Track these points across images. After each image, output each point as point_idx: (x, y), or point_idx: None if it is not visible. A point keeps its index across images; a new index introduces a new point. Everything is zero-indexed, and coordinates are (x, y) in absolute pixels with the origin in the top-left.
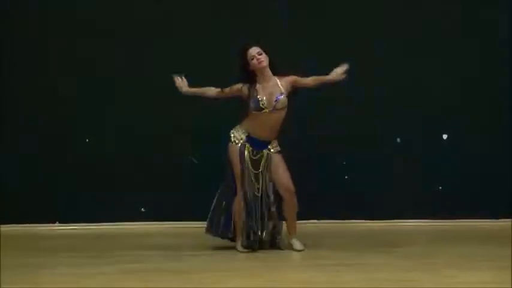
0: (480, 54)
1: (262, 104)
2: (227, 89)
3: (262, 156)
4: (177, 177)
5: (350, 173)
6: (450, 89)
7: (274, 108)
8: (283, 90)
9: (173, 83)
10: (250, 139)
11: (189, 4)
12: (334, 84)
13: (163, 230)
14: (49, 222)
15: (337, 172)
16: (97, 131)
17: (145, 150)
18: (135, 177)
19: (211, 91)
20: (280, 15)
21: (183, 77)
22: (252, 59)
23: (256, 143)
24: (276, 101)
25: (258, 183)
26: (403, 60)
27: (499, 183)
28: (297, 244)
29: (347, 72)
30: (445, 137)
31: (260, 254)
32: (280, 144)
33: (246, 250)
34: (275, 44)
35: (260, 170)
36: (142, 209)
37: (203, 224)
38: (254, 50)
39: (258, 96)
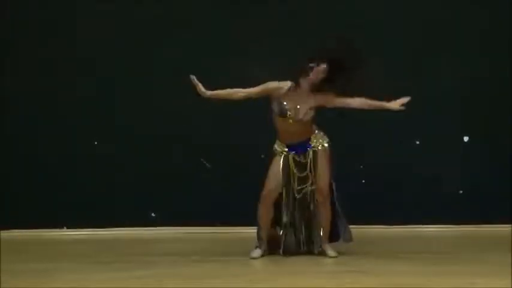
0: (502, 55)
1: (288, 114)
2: (255, 90)
3: (308, 156)
4: (188, 181)
5: (367, 176)
6: (472, 90)
7: (299, 120)
8: (313, 105)
9: (193, 86)
10: (291, 148)
11: (189, 4)
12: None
13: (173, 236)
14: (57, 228)
15: (354, 176)
16: (106, 133)
17: (156, 154)
18: (144, 182)
19: (237, 94)
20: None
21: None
22: (317, 72)
23: (298, 148)
24: (303, 114)
25: (304, 185)
26: (421, 60)
27: None
28: (329, 250)
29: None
30: (466, 139)
31: (275, 260)
32: None
33: (259, 256)
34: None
35: (307, 172)
36: (152, 214)
37: (215, 230)
38: (323, 68)
39: (285, 103)
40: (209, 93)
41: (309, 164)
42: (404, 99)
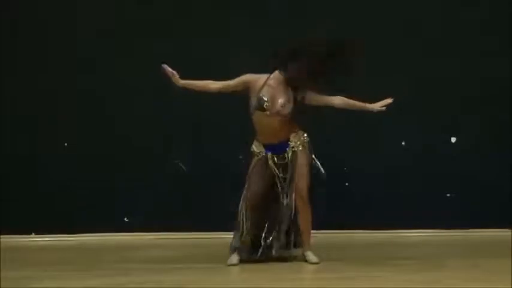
0: (489, 55)
1: (265, 105)
2: (232, 82)
3: (287, 156)
4: (163, 184)
5: (351, 179)
6: (458, 88)
7: (277, 113)
8: (291, 99)
9: (164, 75)
10: (269, 148)
11: (188, 4)
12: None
13: (148, 241)
14: (24, 234)
15: (337, 179)
16: (77, 135)
17: (129, 156)
18: (117, 185)
19: (213, 85)
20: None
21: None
22: (292, 70)
23: (276, 148)
24: (281, 105)
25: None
26: (406, 61)
27: None
28: (311, 256)
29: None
30: (453, 140)
31: (255, 267)
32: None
33: (237, 262)
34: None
35: (288, 175)
36: (125, 219)
37: (189, 235)
38: (299, 67)
39: (262, 95)
40: (183, 82)
41: (289, 165)
42: (387, 101)
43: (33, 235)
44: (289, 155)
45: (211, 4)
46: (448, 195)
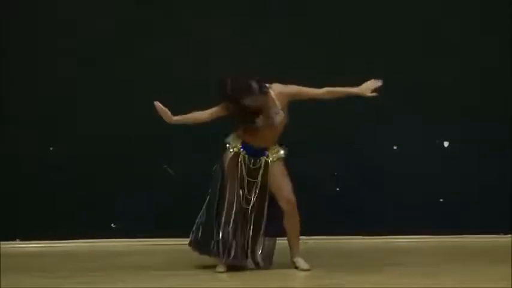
0: (489, 55)
1: (256, 123)
2: (217, 108)
3: (260, 164)
4: (151, 190)
5: (342, 184)
6: (458, 89)
7: (269, 125)
8: (279, 107)
9: (156, 111)
10: (245, 146)
11: (188, 4)
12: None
13: (135, 248)
14: (8, 239)
15: (327, 184)
16: (64, 138)
17: (117, 160)
18: (104, 190)
19: (203, 115)
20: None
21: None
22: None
23: (253, 150)
24: (270, 118)
25: (250, 195)
26: (405, 60)
27: (508, 195)
28: (301, 263)
29: (377, 89)
30: (446, 144)
31: (244, 274)
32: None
33: (224, 270)
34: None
35: (257, 180)
36: (112, 225)
37: (179, 241)
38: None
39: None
40: (175, 118)
41: (260, 173)
42: (374, 83)
43: (17, 241)
44: (262, 163)
45: (211, 4)
46: (447, 199)
